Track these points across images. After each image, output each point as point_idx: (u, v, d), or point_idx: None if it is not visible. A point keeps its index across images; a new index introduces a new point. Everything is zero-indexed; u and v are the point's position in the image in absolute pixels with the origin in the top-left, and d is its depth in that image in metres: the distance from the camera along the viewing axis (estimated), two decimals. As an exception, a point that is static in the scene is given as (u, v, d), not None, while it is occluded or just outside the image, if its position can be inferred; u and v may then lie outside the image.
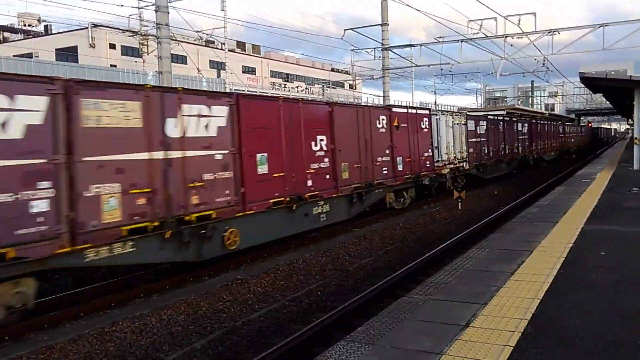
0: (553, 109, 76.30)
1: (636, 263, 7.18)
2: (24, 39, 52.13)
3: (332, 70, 76.30)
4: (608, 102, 47.98)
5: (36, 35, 55.49)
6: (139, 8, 26.65)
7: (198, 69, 32.76)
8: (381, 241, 13.73)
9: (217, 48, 42.24)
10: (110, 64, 44.01)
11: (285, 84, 63.06)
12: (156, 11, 16.59)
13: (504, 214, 16.72)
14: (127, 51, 48.90)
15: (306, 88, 58.04)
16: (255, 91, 34.81)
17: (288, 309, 8.89)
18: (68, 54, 46.32)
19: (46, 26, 55.79)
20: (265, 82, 61.07)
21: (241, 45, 65.16)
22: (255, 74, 66.10)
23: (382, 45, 26.58)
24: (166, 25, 16.56)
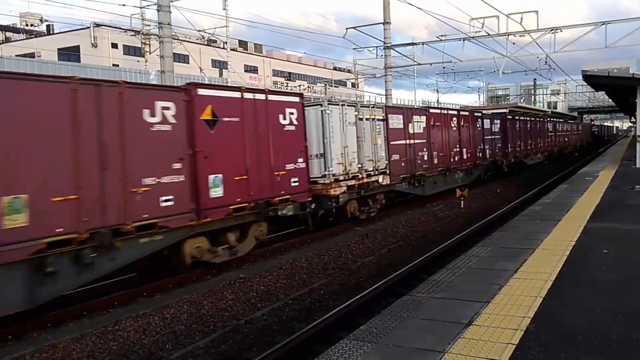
0: (555, 107, 76.01)
1: (639, 261, 7.17)
2: (26, 39, 52.23)
3: (334, 69, 76.33)
4: (611, 100, 47.83)
5: (38, 35, 55.56)
6: (141, 7, 26.61)
7: (200, 68, 32.78)
8: (383, 240, 13.74)
9: (219, 47, 42.24)
10: (112, 64, 44.05)
11: (287, 83, 63.06)
12: (158, 10, 16.61)
13: (507, 212, 16.72)
14: (130, 50, 48.98)
15: (308, 87, 57.96)
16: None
17: (291, 308, 8.89)
18: (70, 54, 46.36)
19: (48, 26, 55.92)
20: (267, 81, 61.10)
21: (243, 44, 65.23)
22: (257, 73, 66.17)
23: (384, 43, 26.52)
24: (168, 24, 16.56)
